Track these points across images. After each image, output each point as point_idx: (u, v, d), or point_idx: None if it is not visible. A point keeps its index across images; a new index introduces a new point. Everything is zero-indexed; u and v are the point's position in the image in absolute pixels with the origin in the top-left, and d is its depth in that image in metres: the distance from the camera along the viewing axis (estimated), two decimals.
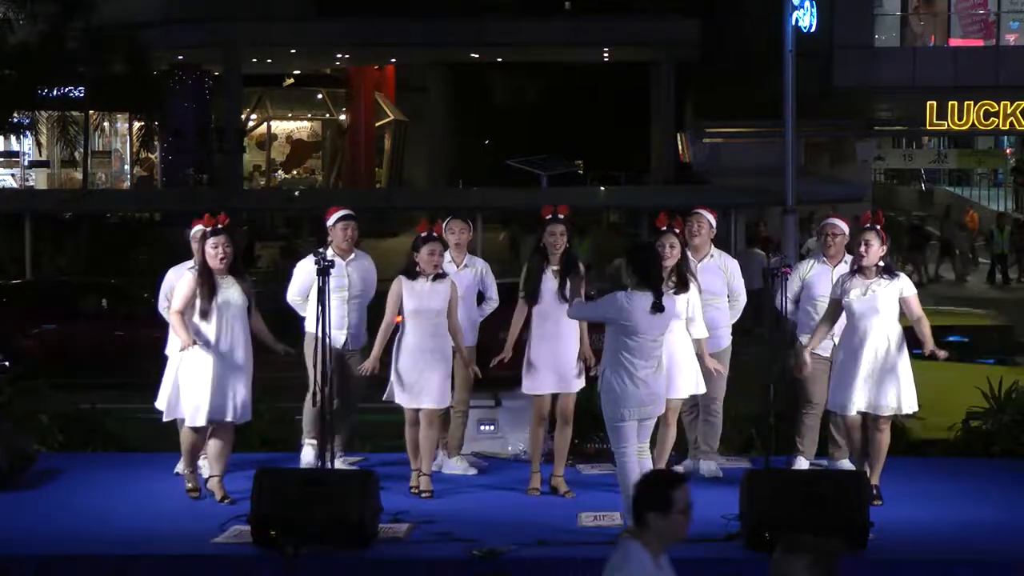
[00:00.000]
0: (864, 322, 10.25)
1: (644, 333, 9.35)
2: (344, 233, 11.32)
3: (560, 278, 10.54)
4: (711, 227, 11.29)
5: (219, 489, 10.34)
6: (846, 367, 10.31)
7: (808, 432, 11.13)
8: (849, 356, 10.31)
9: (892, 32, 37.24)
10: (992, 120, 36.21)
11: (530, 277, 10.60)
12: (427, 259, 10.54)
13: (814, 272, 11.16)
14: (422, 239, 10.60)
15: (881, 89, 35.88)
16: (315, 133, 55.89)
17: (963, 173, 54.42)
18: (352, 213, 11.50)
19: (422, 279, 10.57)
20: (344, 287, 11.18)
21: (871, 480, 10.18)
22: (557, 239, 10.63)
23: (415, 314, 10.55)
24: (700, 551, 9.08)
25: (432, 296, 10.58)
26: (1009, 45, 36.46)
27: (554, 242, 10.63)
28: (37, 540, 9.42)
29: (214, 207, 12.55)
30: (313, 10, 50.11)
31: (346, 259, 11.28)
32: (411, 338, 10.56)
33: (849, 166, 37.18)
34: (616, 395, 9.42)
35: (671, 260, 10.48)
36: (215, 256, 10.27)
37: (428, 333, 10.55)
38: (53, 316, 23.14)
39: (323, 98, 54.35)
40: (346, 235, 11.33)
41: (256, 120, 53.87)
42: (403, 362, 10.59)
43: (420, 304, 10.55)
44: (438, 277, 10.61)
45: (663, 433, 10.49)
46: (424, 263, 10.54)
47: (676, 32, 42.62)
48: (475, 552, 8.93)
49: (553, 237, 10.63)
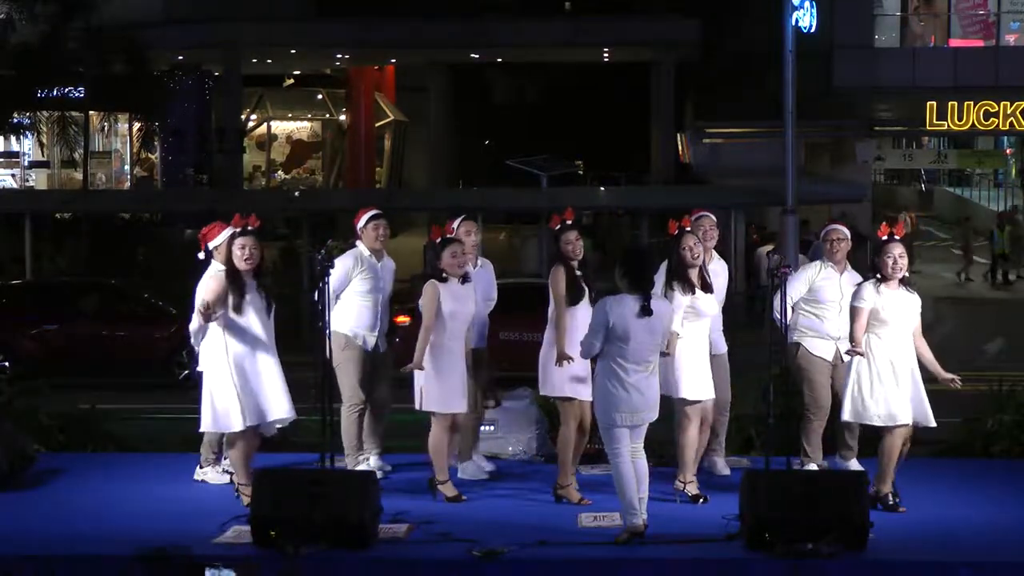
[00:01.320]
0: (898, 333, 10.19)
1: (633, 337, 9.35)
2: (376, 232, 11.19)
3: (587, 283, 10.58)
4: (715, 230, 11.32)
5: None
6: (881, 378, 10.17)
7: (815, 437, 11.12)
8: (883, 367, 10.17)
9: (892, 32, 37.22)
10: (992, 120, 36.19)
11: (571, 285, 10.49)
12: (451, 262, 10.47)
13: (823, 276, 11.14)
14: (444, 242, 10.54)
15: (881, 89, 35.86)
16: (315, 133, 55.83)
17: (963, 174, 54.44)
18: (381, 212, 11.37)
19: (453, 281, 10.52)
20: (379, 288, 11.14)
21: (886, 488, 10.16)
22: (575, 245, 10.63)
23: (451, 317, 10.45)
24: (700, 551, 9.11)
25: (466, 298, 10.55)
26: (1009, 45, 36.43)
27: (573, 248, 10.61)
28: (37, 540, 9.42)
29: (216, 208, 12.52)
30: (313, 10, 50.05)
31: (380, 260, 11.25)
32: (449, 341, 10.46)
33: (849, 166, 37.16)
34: (607, 400, 9.44)
35: (699, 259, 10.52)
36: (241, 257, 10.20)
37: (461, 335, 10.53)
38: (53, 316, 23.14)
39: (323, 98, 54.29)
40: (378, 234, 11.20)
41: (256, 120, 53.82)
42: (442, 366, 10.46)
43: (456, 307, 10.47)
44: (465, 280, 10.60)
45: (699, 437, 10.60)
46: (449, 267, 10.46)
47: (676, 32, 42.56)
48: (475, 552, 8.93)
49: (571, 244, 10.61)
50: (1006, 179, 51.74)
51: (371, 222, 11.23)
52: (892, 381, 10.15)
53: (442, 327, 10.42)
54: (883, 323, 10.16)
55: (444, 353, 10.43)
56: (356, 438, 11.13)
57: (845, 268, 11.14)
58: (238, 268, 10.19)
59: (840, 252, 11.16)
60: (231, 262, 10.18)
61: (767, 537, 8.91)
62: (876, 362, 10.18)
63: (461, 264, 10.55)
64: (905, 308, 10.22)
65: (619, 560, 8.97)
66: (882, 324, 10.17)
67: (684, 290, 10.51)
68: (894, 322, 10.16)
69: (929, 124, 36.50)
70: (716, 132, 37.15)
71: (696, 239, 10.62)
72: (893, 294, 10.18)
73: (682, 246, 10.56)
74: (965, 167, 50.88)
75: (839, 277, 11.07)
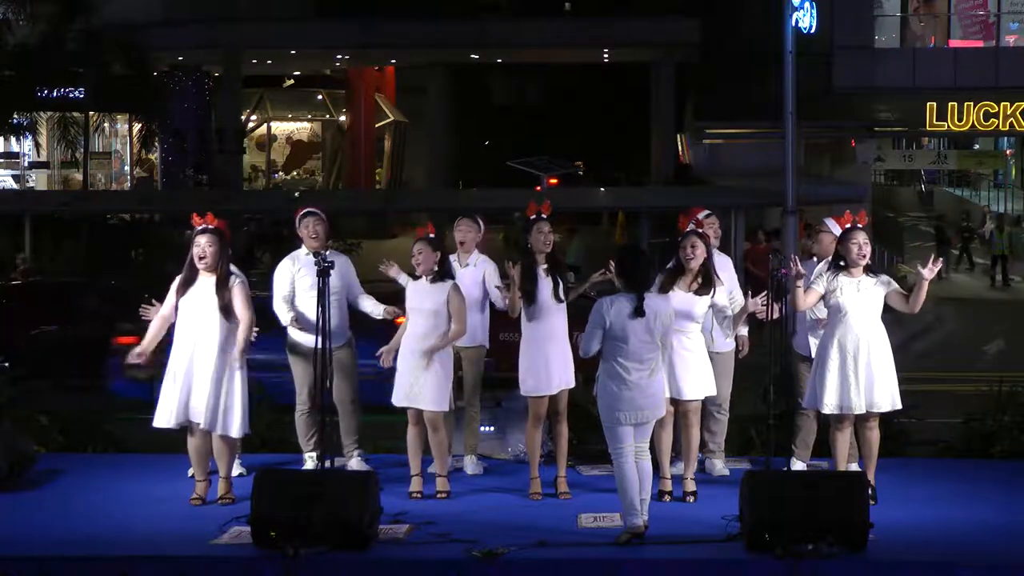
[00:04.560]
0: (858, 320, 10.24)
1: (631, 337, 9.36)
2: (306, 231, 11.27)
3: (552, 278, 10.59)
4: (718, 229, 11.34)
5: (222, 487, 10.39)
6: (840, 368, 10.26)
7: (801, 433, 11.13)
8: (840, 356, 10.26)
9: (892, 33, 37.22)
10: (992, 121, 36.18)
11: (526, 278, 10.60)
12: (414, 259, 10.64)
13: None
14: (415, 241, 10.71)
15: (881, 90, 35.85)
16: (315, 134, 55.85)
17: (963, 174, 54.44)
18: (315, 210, 11.43)
19: (423, 280, 10.63)
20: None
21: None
22: (545, 237, 10.68)
23: (410, 312, 10.67)
24: (700, 551, 9.11)
25: (425, 297, 10.61)
26: (1009, 46, 36.42)
27: (542, 240, 10.67)
28: (37, 541, 9.43)
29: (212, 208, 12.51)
30: (313, 11, 50.08)
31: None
32: (407, 338, 10.65)
33: (849, 167, 37.15)
34: (610, 399, 9.45)
35: (696, 261, 10.53)
36: (197, 256, 10.35)
37: (420, 333, 10.57)
38: (53, 316, 23.11)
39: (323, 99, 54.31)
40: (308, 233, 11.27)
41: (256, 121, 53.83)
42: (399, 362, 10.68)
43: (414, 303, 10.66)
44: (438, 279, 10.62)
45: (687, 435, 10.57)
46: (413, 263, 10.64)
47: (676, 33, 42.59)
48: (475, 553, 8.93)
49: (541, 235, 10.68)
50: (1006, 180, 51.72)
51: (304, 219, 11.27)
52: (847, 370, 10.20)
53: (408, 324, 10.64)
54: (840, 310, 10.24)
55: (404, 350, 10.65)
56: (305, 437, 11.16)
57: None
58: (196, 267, 10.34)
59: (820, 245, 11.17)
60: (190, 260, 10.35)
61: (767, 538, 8.90)
62: (833, 351, 10.23)
63: (419, 263, 10.60)
64: (866, 296, 10.25)
65: (619, 560, 8.97)
66: (838, 311, 10.25)
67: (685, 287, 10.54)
68: (853, 310, 10.22)
69: (929, 125, 36.48)
70: (716, 133, 37.13)
71: (697, 239, 10.61)
72: (853, 282, 10.24)
73: (683, 246, 10.58)
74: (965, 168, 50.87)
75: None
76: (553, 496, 10.58)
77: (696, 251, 10.56)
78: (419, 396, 10.59)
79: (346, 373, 11.16)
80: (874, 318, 10.32)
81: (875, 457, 10.44)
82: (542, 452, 10.88)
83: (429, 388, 10.56)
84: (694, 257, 10.55)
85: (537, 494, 10.61)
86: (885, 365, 10.31)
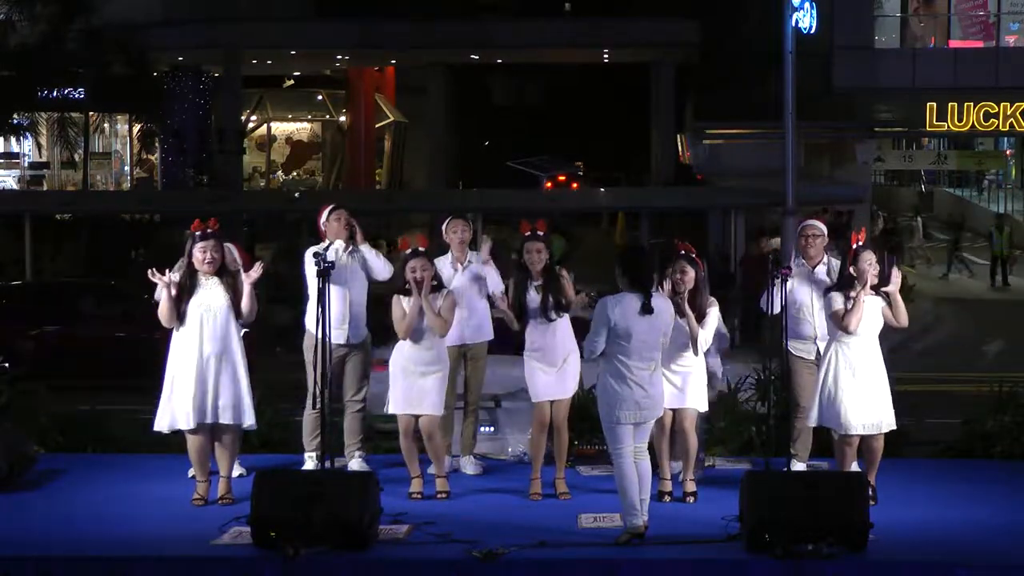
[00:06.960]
0: (866, 338, 10.30)
1: (636, 335, 9.37)
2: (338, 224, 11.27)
3: (543, 294, 10.58)
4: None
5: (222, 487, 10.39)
6: (851, 388, 10.27)
7: (799, 435, 11.13)
8: (851, 375, 10.27)
9: (892, 33, 37.22)
10: (992, 121, 36.18)
11: (516, 295, 10.62)
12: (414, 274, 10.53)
13: (796, 276, 11.09)
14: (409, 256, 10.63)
15: (881, 90, 35.85)
16: (315, 134, 55.87)
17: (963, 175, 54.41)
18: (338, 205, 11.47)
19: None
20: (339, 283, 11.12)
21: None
22: (535, 256, 10.68)
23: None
24: (700, 551, 9.11)
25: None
26: (1009, 46, 36.43)
27: (533, 259, 10.67)
28: (37, 541, 9.43)
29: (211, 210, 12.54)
30: (313, 11, 50.12)
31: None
32: (404, 347, 10.64)
33: (849, 167, 37.15)
34: (611, 398, 9.45)
35: (685, 287, 10.41)
36: (202, 261, 10.32)
37: (420, 343, 10.59)
38: (53, 317, 23.13)
39: (323, 99, 54.34)
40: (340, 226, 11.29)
41: (256, 121, 53.85)
42: (395, 370, 10.65)
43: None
44: (434, 290, 10.61)
45: (683, 441, 10.56)
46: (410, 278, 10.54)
47: (676, 33, 42.62)
48: (475, 553, 8.93)
49: (531, 255, 10.68)
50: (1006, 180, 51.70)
51: (334, 212, 11.26)
52: (853, 390, 10.25)
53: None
54: (857, 330, 10.27)
55: (401, 359, 10.67)
56: (310, 436, 11.13)
57: (820, 263, 11.11)
58: (197, 273, 10.33)
59: (815, 247, 11.12)
60: (190, 263, 10.33)
61: (767, 538, 8.91)
62: (841, 369, 10.28)
63: (420, 280, 10.49)
64: (870, 314, 10.31)
65: (619, 561, 8.97)
66: (857, 331, 10.27)
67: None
68: (862, 330, 10.28)
69: (929, 125, 36.48)
70: (716, 133, 37.11)
71: (686, 264, 10.50)
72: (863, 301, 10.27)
73: (675, 271, 10.50)
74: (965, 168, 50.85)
75: (812, 272, 11.03)
76: (553, 496, 10.60)
77: (685, 277, 10.49)
78: (418, 402, 10.59)
79: (358, 374, 11.18)
80: (876, 336, 10.38)
81: (877, 463, 10.45)
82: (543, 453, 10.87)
83: (428, 393, 10.57)
84: (682, 283, 10.46)
85: (537, 494, 10.61)
86: (885, 383, 10.39)
